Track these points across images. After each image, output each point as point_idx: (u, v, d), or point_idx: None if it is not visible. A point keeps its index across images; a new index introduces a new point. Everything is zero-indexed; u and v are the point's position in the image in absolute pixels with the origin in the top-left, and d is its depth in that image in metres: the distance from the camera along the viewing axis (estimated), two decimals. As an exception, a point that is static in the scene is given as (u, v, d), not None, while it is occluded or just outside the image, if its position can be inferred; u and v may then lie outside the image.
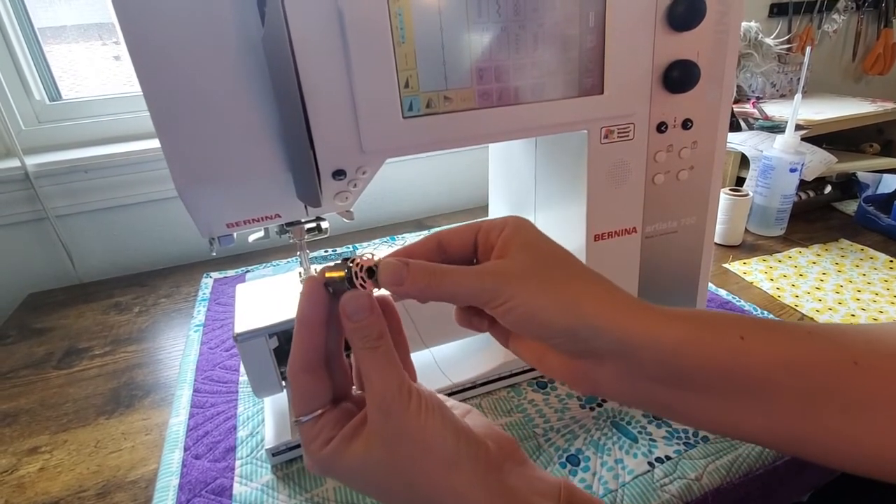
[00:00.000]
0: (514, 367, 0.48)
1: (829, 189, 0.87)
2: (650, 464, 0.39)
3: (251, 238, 0.41)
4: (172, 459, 0.43)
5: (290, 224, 0.39)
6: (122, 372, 0.56)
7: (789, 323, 0.24)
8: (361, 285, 0.25)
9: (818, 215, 0.85)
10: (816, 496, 0.50)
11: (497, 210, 0.60)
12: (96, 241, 0.80)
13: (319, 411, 0.24)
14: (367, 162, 0.35)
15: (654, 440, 0.41)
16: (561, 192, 0.46)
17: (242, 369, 0.53)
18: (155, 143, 0.78)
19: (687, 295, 0.50)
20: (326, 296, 0.25)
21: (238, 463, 0.42)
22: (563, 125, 0.39)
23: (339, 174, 0.35)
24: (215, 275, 0.74)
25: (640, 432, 0.42)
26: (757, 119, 0.96)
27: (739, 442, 0.40)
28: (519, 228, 0.26)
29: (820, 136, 0.86)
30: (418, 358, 0.44)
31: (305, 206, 0.37)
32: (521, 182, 0.52)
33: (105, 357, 0.59)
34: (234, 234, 0.37)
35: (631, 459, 0.40)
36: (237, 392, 0.50)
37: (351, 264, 0.25)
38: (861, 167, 0.88)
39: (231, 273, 0.74)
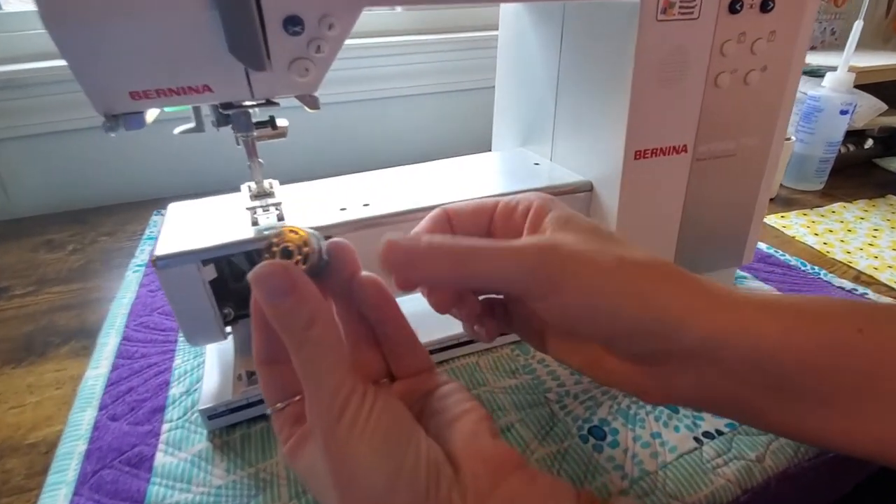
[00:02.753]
0: (522, 319, 0.38)
1: (870, 143, 0.78)
2: (697, 439, 0.31)
3: (178, 130, 0.30)
4: (82, 420, 0.33)
5: (227, 107, 0.28)
6: (42, 315, 0.46)
7: None
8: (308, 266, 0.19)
9: (858, 171, 0.76)
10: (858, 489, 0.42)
11: (502, 133, 0.50)
12: (33, 170, 0.69)
13: (280, 405, 0.21)
14: (334, 8, 0.25)
15: (698, 410, 0.33)
16: (594, 94, 0.36)
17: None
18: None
19: (734, 238, 0.41)
20: None
21: (165, 427, 0.32)
22: (608, -14, 0.29)
23: (293, 24, 0.24)
24: (170, 212, 0.63)
25: (679, 401, 0.33)
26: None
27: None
28: (549, 202, 0.22)
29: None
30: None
31: (248, 79, 0.26)
32: (537, 85, 0.42)
33: (25, 298, 0.49)
34: (145, 114, 0.26)
35: (672, 434, 0.31)
36: (176, 342, 0.40)
37: (275, 240, 0.19)
38: (906, 121, 0.79)
39: (188, 211, 0.64)
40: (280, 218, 0.32)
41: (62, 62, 0.23)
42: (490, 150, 0.51)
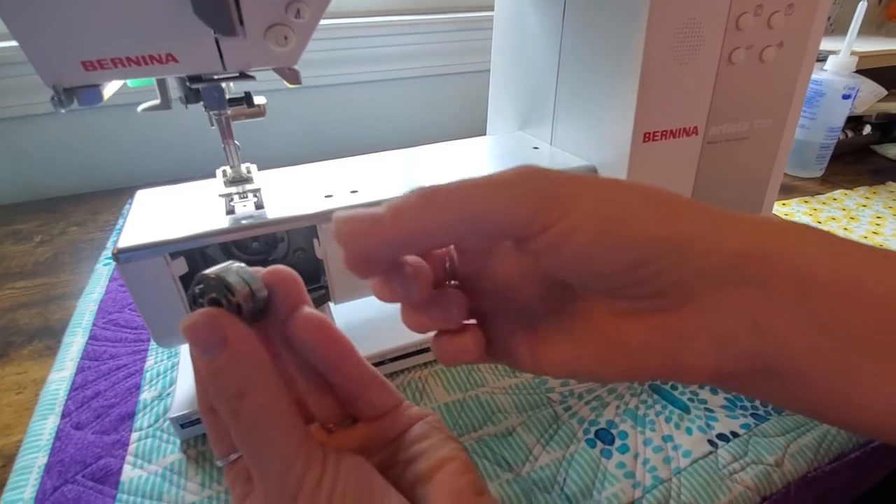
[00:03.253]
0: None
1: (868, 129, 0.77)
2: (711, 442, 0.29)
3: (142, 107, 0.27)
4: (43, 429, 0.30)
5: (195, 80, 0.25)
6: (3, 312, 0.43)
7: None
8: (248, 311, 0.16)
9: (857, 158, 0.75)
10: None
11: (498, 116, 0.47)
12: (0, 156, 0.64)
13: (233, 457, 0.18)
14: (315, -35, 0.22)
15: (710, 410, 0.31)
16: (600, 72, 0.33)
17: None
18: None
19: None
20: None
21: (134, 436, 0.30)
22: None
23: (268, -17, 0.21)
24: (145, 201, 0.60)
25: (690, 400, 0.31)
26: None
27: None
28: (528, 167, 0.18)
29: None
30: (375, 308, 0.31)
31: (219, 47, 0.23)
32: (537, 64, 0.39)
33: (-15, 294, 0.45)
34: (102, 88, 0.23)
35: (684, 436, 0.29)
36: (149, 340, 0.37)
37: (198, 288, 0.16)
38: (904, 107, 0.77)
39: (165, 200, 0.60)
40: (258, 206, 0.29)
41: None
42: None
